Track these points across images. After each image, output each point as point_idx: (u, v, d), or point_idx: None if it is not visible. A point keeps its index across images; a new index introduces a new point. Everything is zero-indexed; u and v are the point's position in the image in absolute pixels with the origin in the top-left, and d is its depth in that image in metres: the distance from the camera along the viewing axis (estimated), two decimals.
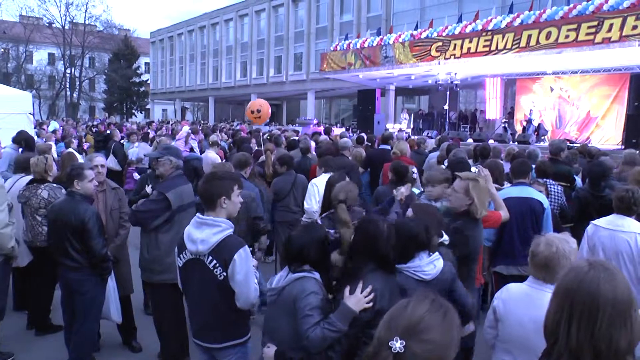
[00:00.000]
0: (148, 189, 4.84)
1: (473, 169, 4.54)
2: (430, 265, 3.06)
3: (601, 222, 4.24)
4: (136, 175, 9.79)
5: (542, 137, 19.81)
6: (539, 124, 20.48)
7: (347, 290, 2.72)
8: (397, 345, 1.32)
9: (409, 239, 3.11)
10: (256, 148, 10.20)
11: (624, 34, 14.49)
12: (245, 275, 3.04)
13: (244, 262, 3.04)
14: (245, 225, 5.44)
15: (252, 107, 12.38)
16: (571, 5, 16.40)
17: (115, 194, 5.13)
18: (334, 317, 2.66)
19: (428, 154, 9.46)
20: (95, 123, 28.13)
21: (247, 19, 46.68)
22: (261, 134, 12.70)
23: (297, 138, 11.40)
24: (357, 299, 2.67)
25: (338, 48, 25.63)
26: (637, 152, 7.98)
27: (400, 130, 21.46)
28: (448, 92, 22.52)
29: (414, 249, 3.10)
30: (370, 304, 2.67)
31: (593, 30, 15.19)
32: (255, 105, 12.48)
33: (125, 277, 5.17)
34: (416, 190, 5.93)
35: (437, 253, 3.16)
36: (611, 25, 14.77)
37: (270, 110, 12.65)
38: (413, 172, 5.98)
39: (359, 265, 2.85)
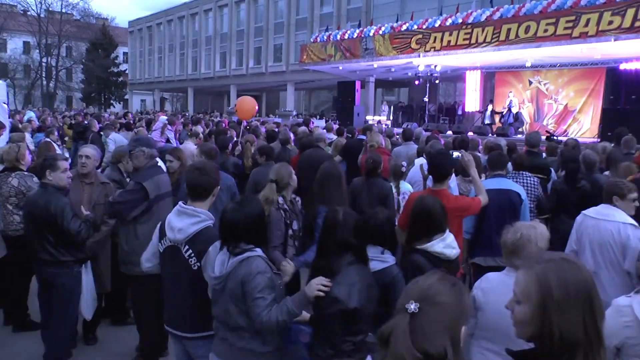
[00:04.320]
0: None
1: (455, 154, 4.54)
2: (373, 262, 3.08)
3: (590, 211, 4.24)
4: None
5: (519, 130, 19.89)
6: (518, 112, 20.40)
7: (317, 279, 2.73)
8: (412, 306, 1.47)
9: (377, 231, 3.20)
10: (235, 139, 10.10)
11: (600, 29, 14.72)
12: None
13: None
14: None
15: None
16: (550, 0, 16.58)
17: (102, 189, 4.89)
18: (290, 300, 2.69)
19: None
20: (72, 114, 27.62)
21: (227, 10, 46.34)
22: (242, 127, 12.58)
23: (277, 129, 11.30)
24: (314, 285, 2.68)
25: (318, 40, 25.56)
26: (612, 145, 8.10)
27: (379, 122, 21.45)
28: (428, 85, 22.60)
29: (376, 241, 3.18)
30: (324, 289, 2.64)
31: (571, 24, 15.41)
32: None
33: (104, 274, 5.04)
34: (408, 186, 5.90)
35: (389, 256, 3.19)
36: (588, 20, 14.99)
37: (255, 107, 12.61)
38: (402, 166, 5.93)
39: (332, 260, 2.78)
